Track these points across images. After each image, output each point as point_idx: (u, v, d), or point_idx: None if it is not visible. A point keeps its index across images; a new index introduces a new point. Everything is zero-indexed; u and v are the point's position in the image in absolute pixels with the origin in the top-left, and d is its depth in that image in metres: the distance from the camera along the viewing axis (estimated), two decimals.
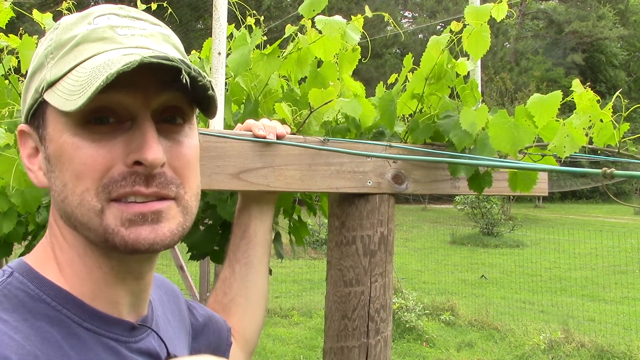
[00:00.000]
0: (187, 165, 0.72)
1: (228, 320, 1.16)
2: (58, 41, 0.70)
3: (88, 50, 0.68)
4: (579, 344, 6.51)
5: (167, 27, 0.76)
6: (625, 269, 10.86)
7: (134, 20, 0.72)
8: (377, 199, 1.33)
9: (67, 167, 0.67)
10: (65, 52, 0.69)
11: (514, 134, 1.19)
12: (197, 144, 0.76)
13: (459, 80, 1.41)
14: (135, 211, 0.67)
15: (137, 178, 0.67)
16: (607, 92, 30.85)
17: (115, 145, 0.67)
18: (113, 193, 0.66)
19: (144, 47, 0.69)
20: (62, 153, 0.67)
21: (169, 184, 0.69)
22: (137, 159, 0.66)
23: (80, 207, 0.67)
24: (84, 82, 0.63)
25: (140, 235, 0.67)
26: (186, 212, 0.72)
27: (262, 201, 1.25)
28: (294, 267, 10.80)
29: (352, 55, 1.47)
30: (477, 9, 1.30)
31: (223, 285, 1.20)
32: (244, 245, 1.21)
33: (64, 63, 0.68)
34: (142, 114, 0.68)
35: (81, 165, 0.66)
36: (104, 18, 0.70)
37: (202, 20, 23.05)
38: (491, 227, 15.79)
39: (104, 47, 0.68)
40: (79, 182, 0.66)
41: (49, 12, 1.77)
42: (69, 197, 0.68)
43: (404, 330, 6.84)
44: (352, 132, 1.45)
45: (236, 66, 1.35)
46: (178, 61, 0.64)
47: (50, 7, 2.06)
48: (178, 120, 0.72)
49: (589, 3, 37.60)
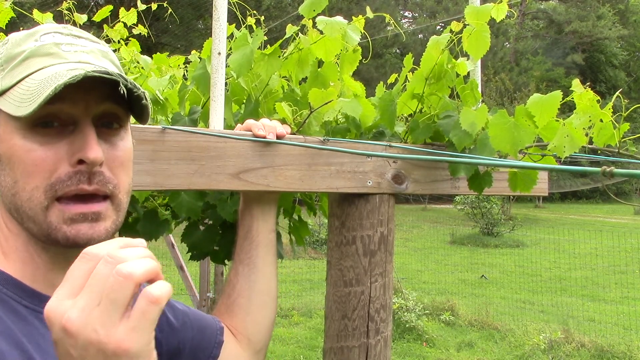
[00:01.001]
0: (121, 165, 0.82)
1: (231, 320, 1.17)
2: (8, 55, 0.79)
3: (36, 63, 0.77)
4: (579, 344, 6.51)
5: (105, 44, 0.87)
6: (625, 269, 10.85)
7: (76, 38, 0.82)
8: (377, 199, 1.33)
9: (18, 166, 0.76)
10: (15, 64, 0.78)
11: (514, 133, 1.20)
12: (130, 146, 0.85)
13: (459, 80, 1.41)
14: (77, 211, 0.76)
15: (81, 177, 0.76)
16: (607, 92, 30.84)
17: (60, 148, 0.76)
18: (59, 191, 0.75)
19: (86, 62, 0.79)
20: (13, 154, 0.76)
21: (107, 182, 0.78)
22: (80, 157, 0.75)
23: (29, 202, 0.76)
24: (33, 92, 0.72)
25: (80, 232, 0.76)
26: (119, 210, 0.81)
27: (264, 201, 1.25)
28: (294, 267, 10.80)
29: (353, 56, 1.47)
30: (477, 9, 1.30)
31: (228, 287, 1.22)
32: (247, 246, 1.22)
33: (14, 74, 0.77)
34: (83, 119, 0.77)
35: (32, 166, 0.75)
36: (49, 36, 0.80)
37: (202, 20, 23.04)
38: (491, 227, 15.79)
39: (50, 61, 0.77)
40: (30, 180, 0.75)
41: (49, 12, 1.77)
42: (19, 193, 0.76)
43: (404, 330, 6.84)
44: (352, 132, 1.45)
45: (238, 66, 1.35)
46: (117, 75, 0.74)
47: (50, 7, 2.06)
48: (114, 125, 0.82)
49: (589, 3, 37.59)
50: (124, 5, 2.31)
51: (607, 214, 23.05)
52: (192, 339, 1.07)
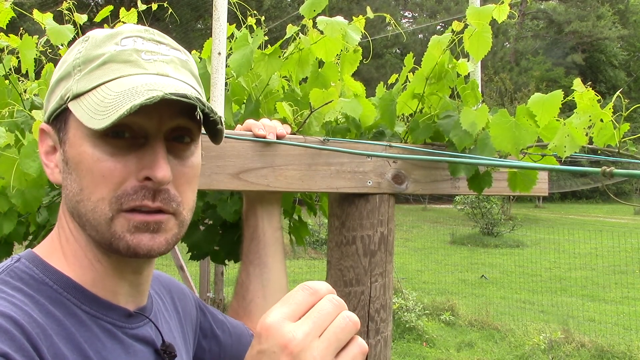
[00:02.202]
0: (187, 183, 0.80)
1: (251, 322, 1.17)
2: (87, 56, 0.77)
3: (114, 70, 0.75)
4: (579, 344, 6.51)
5: (185, 51, 0.84)
6: (625, 269, 10.85)
7: (157, 44, 0.79)
8: (377, 199, 1.33)
9: (86, 175, 0.75)
10: (92, 68, 0.76)
11: (515, 133, 1.19)
12: (199, 161, 0.83)
13: (460, 80, 1.41)
14: (140, 220, 0.75)
15: (146, 192, 0.75)
16: (607, 92, 30.84)
17: (129, 161, 0.75)
18: (124, 205, 0.74)
19: (165, 74, 0.77)
20: (81, 161, 0.75)
21: (171, 200, 0.77)
22: (148, 175, 0.74)
23: (93, 212, 0.75)
24: (108, 105, 0.71)
25: (142, 242, 0.75)
26: (181, 225, 0.80)
27: (267, 201, 1.25)
28: (294, 267, 10.79)
29: (353, 56, 1.47)
30: (478, 9, 1.30)
31: (241, 289, 1.21)
32: (255, 246, 1.22)
33: (91, 79, 0.75)
34: (155, 133, 0.76)
35: (100, 177, 0.74)
36: (131, 40, 0.78)
37: (202, 20, 23.04)
38: (491, 227, 15.79)
39: (129, 70, 0.75)
40: (96, 191, 0.75)
41: (49, 12, 1.77)
42: (84, 201, 0.76)
43: (404, 330, 6.84)
44: (352, 132, 1.45)
45: (238, 67, 1.35)
46: (195, 99, 0.72)
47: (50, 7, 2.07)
48: (186, 139, 0.80)
49: (589, 3, 37.59)
50: (124, 5, 2.31)
51: (607, 214, 23.05)
52: (232, 347, 1.07)
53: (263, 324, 0.61)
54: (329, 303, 0.62)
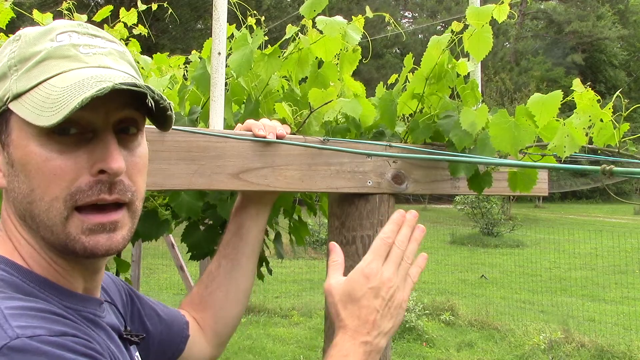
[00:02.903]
0: (139, 172, 0.80)
1: (203, 312, 1.18)
2: (22, 55, 0.75)
3: (54, 67, 0.74)
4: (579, 344, 6.51)
5: (121, 43, 0.84)
6: (625, 269, 10.85)
7: (92, 37, 0.78)
8: (377, 199, 1.33)
9: (35, 175, 0.73)
10: (30, 66, 0.74)
11: (515, 133, 1.19)
12: (147, 150, 0.83)
13: (460, 80, 1.41)
14: (96, 222, 0.74)
15: (102, 187, 0.74)
16: (607, 92, 30.84)
17: (79, 157, 0.74)
18: (79, 201, 0.73)
19: (106, 66, 0.76)
20: (29, 162, 0.73)
21: (127, 191, 0.77)
22: (102, 167, 0.73)
23: (47, 212, 0.74)
24: (56, 100, 0.69)
25: (99, 243, 0.75)
26: (134, 217, 0.80)
27: (261, 202, 1.26)
28: (294, 267, 10.79)
29: (352, 55, 1.47)
30: (478, 9, 1.30)
31: (207, 278, 1.22)
32: (235, 242, 1.23)
33: (30, 77, 0.73)
34: (103, 126, 0.75)
35: (51, 176, 0.72)
36: (66, 35, 0.76)
37: (202, 20, 23.03)
38: (491, 227, 15.78)
39: (69, 65, 0.74)
40: (48, 191, 0.73)
41: (49, 12, 1.77)
42: (36, 202, 0.74)
43: (404, 330, 6.84)
44: (352, 132, 1.45)
45: (238, 67, 1.35)
46: (144, 87, 0.72)
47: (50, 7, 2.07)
48: (132, 130, 0.79)
49: (589, 3, 37.59)
50: (124, 6, 2.31)
51: (607, 214, 23.04)
52: (161, 333, 1.08)
53: (367, 269, 0.95)
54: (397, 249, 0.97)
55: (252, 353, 6.24)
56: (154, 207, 1.78)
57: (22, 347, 0.62)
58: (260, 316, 7.73)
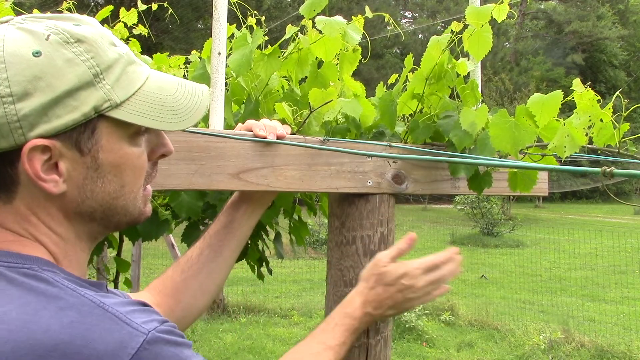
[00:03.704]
0: None
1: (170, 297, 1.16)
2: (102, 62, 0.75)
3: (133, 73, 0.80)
4: (579, 344, 6.51)
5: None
6: (625, 269, 10.85)
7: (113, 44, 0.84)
8: (377, 199, 1.33)
9: (130, 172, 0.81)
10: (117, 75, 0.77)
11: (515, 133, 1.19)
12: None
13: (459, 80, 1.41)
14: (149, 194, 0.88)
15: (155, 168, 0.89)
16: (607, 92, 30.84)
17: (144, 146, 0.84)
18: (145, 183, 0.86)
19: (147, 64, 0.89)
20: (125, 162, 0.80)
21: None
22: (164, 152, 0.87)
23: (135, 200, 0.84)
24: (176, 107, 0.81)
25: (148, 208, 0.88)
26: None
27: (258, 201, 1.27)
28: (294, 267, 10.79)
29: (352, 55, 1.47)
30: (478, 9, 1.30)
31: (185, 263, 1.20)
32: (223, 234, 1.23)
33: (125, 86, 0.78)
34: None
35: (141, 169, 0.83)
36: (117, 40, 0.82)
37: (202, 20, 23.03)
38: (491, 227, 15.78)
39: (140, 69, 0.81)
40: (138, 182, 0.83)
41: (49, 12, 1.77)
42: (125, 195, 0.82)
43: (404, 330, 6.84)
44: (352, 132, 1.45)
45: (237, 67, 1.35)
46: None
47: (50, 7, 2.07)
48: None
49: (589, 3, 37.59)
50: (124, 6, 2.31)
51: (607, 214, 23.04)
52: None
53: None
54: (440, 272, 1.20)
55: (252, 353, 6.25)
56: (154, 207, 1.78)
57: (155, 339, 0.69)
58: (260, 316, 7.73)
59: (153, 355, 0.68)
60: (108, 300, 0.71)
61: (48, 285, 0.70)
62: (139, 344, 0.67)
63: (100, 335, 0.65)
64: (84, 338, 0.64)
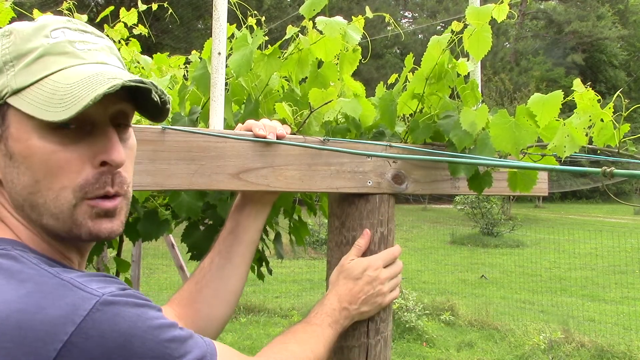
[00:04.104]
0: (130, 163, 0.85)
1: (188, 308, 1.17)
2: (17, 51, 0.77)
3: (53, 63, 0.76)
4: (579, 344, 6.51)
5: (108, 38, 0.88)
6: (625, 269, 10.85)
7: (83, 33, 0.82)
8: (377, 199, 1.33)
9: (40, 167, 0.76)
10: (27, 62, 0.76)
11: (515, 133, 1.19)
12: (135, 142, 0.88)
13: (460, 80, 1.41)
14: (103, 207, 0.79)
15: (106, 179, 0.79)
16: (607, 92, 30.84)
17: (81, 148, 0.78)
18: (89, 194, 0.78)
19: (103, 62, 0.80)
20: (32, 154, 0.76)
21: (123, 183, 0.82)
22: (104, 159, 0.78)
23: (55, 201, 0.77)
24: (65, 96, 0.73)
25: (102, 226, 0.80)
26: (128, 204, 0.86)
27: (260, 202, 1.26)
28: (294, 267, 10.79)
29: (352, 55, 1.47)
30: (478, 9, 1.30)
31: (198, 273, 1.21)
32: (230, 240, 1.23)
33: (29, 73, 0.76)
34: (102, 120, 0.79)
35: (57, 168, 0.76)
36: (60, 32, 0.79)
37: (202, 20, 23.03)
38: (491, 227, 15.78)
39: (68, 61, 0.77)
40: (56, 181, 0.76)
41: (49, 12, 1.77)
42: (42, 192, 0.77)
43: (404, 330, 6.84)
44: (352, 132, 1.45)
45: (238, 67, 1.35)
46: (150, 83, 0.77)
47: (50, 7, 2.07)
48: (125, 122, 0.84)
49: (588, 3, 37.58)
50: (125, 6, 2.31)
51: (607, 214, 23.04)
52: None
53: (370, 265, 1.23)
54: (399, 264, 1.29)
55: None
56: (154, 207, 1.78)
57: (109, 301, 0.68)
58: (260, 316, 7.73)
59: (109, 316, 0.67)
60: (68, 274, 0.71)
61: (15, 262, 0.72)
62: (91, 306, 0.67)
63: (53, 301, 0.67)
64: (37, 305, 0.66)
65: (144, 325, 0.70)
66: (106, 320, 0.67)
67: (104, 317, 0.67)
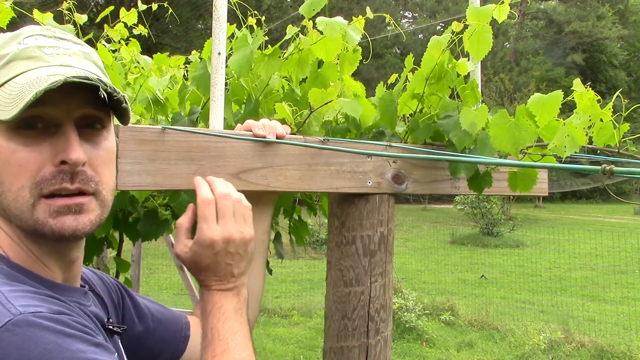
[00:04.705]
0: (104, 164, 0.85)
1: None
2: None
3: (18, 67, 0.78)
4: (579, 344, 6.51)
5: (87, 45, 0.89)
6: (625, 269, 10.85)
7: (58, 40, 0.83)
8: (377, 199, 1.33)
9: (3, 168, 0.78)
10: None
11: (515, 133, 1.19)
12: (113, 145, 0.89)
13: (460, 80, 1.41)
14: (61, 204, 0.79)
15: (64, 176, 0.79)
16: (607, 92, 30.81)
17: (44, 148, 0.78)
18: (44, 190, 0.78)
19: (68, 65, 0.80)
20: None
21: (89, 180, 0.81)
22: (62, 158, 0.78)
23: (15, 201, 0.78)
24: (15, 96, 0.74)
25: (65, 224, 0.79)
26: (103, 206, 0.84)
27: (261, 202, 1.26)
28: (294, 267, 10.79)
29: (353, 56, 1.47)
30: (478, 9, 1.30)
31: None
32: None
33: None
34: (65, 121, 0.79)
35: (17, 167, 0.77)
36: (32, 39, 0.81)
37: (202, 20, 23.03)
38: (491, 227, 15.78)
39: (32, 64, 0.79)
40: (15, 181, 0.77)
41: (49, 12, 1.77)
42: (5, 193, 0.78)
43: (404, 330, 6.84)
44: (352, 132, 1.45)
45: (238, 67, 1.35)
46: (96, 80, 0.77)
47: (50, 7, 2.08)
48: (97, 126, 0.84)
49: (588, 3, 37.58)
50: (124, 6, 2.31)
51: (607, 214, 23.04)
52: (155, 332, 1.09)
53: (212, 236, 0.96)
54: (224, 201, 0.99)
55: None
56: (154, 207, 1.78)
57: (26, 322, 0.65)
58: (260, 316, 7.73)
59: (19, 339, 0.64)
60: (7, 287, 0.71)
61: None
62: (1, 324, 0.64)
63: None
64: None
65: (60, 356, 0.64)
66: (14, 342, 0.63)
67: (13, 339, 0.63)
